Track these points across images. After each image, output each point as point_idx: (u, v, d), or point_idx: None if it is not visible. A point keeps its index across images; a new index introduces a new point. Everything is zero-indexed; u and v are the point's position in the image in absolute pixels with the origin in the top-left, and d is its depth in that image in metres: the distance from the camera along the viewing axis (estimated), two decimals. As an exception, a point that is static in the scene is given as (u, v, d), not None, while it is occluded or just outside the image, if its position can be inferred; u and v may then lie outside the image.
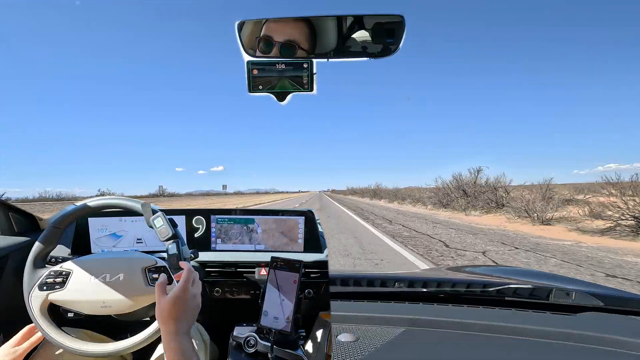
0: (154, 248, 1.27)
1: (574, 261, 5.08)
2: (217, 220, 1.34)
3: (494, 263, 4.99)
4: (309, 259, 1.19)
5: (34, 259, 0.88)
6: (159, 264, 0.89)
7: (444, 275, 1.32)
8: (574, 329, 0.78)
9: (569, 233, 8.18)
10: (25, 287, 0.86)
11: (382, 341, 0.75)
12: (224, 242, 1.34)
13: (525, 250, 5.96)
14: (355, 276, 1.14)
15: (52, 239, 0.90)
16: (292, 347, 0.88)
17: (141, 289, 0.86)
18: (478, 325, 0.81)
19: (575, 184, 22.12)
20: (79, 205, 0.93)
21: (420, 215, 14.22)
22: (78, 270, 0.87)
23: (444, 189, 18.08)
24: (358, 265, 5.03)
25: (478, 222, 10.93)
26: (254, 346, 0.89)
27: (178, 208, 1.37)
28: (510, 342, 0.75)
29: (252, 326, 0.95)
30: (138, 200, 0.93)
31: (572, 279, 1.29)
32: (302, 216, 1.32)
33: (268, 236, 1.33)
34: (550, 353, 0.71)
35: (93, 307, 0.86)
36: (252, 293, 1.21)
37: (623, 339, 0.73)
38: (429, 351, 0.73)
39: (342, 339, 0.76)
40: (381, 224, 10.64)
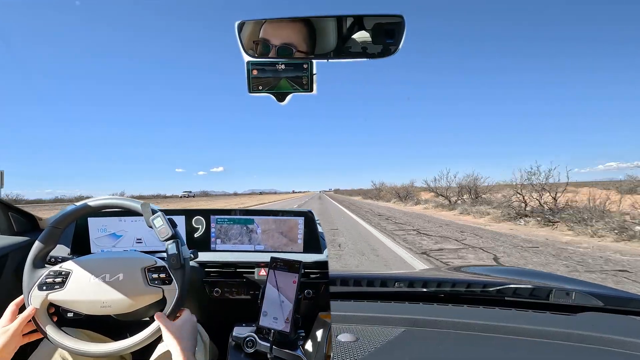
0: (154, 248, 1.27)
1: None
2: (217, 221, 1.34)
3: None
4: (309, 260, 1.19)
5: (34, 258, 0.88)
6: (159, 264, 0.89)
7: (444, 275, 1.32)
8: (574, 329, 0.78)
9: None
10: (25, 287, 0.86)
11: (382, 341, 0.75)
12: (223, 243, 1.34)
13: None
14: (355, 276, 1.14)
15: (52, 239, 0.90)
16: (292, 347, 0.88)
17: (141, 288, 0.86)
18: (478, 325, 0.81)
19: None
20: (78, 205, 0.93)
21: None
22: (78, 270, 0.87)
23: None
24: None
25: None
26: (254, 346, 0.89)
27: (178, 208, 1.37)
28: (510, 342, 0.75)
29: (252, 326, 0.95)
30: (138, 200, 0.93)
31: (572, 279, 1.29)
32: (301, 217, 1.32)
33: (268, 236, 1.33)
34: (550, 353, 0.71)
35: (93, 307, 0.86)
36: (251, 293, 1.20)
37: (623, 339, 0.73)
38: (429, 351, 0.73)
39: (342, 339, 0.76)
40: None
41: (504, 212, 11.02)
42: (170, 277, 0.87)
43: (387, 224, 10.39)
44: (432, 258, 5.34)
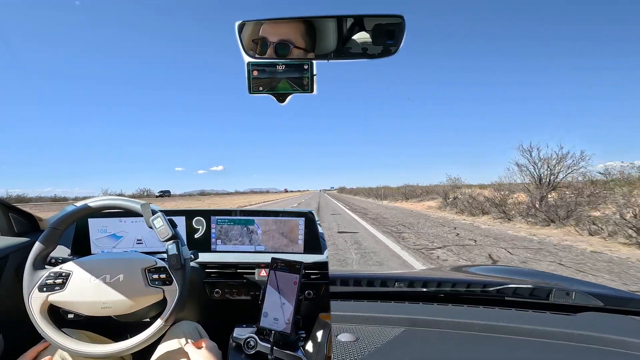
0: (154, 249, 1.27)
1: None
2: (217, 221, 1.34)
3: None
4: (309, 260, 1.19)
5: (34, 259, 0.87)
6: (159, 264, 0.89)
7: (444, 275, 1.32)
8: (574, 329, 0.78)
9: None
10: (25, 288, 0.86)
11: (382, 341, 0.75)
12: (224, 243, 1.34)
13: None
14: (355, 276, 1.14)
15: (52, 240, 0.90)
16: (292, 348, 0.88)
17: (141, 289, 0.86)
18: (478, 325, 0.81)
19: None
20: (79, 206, 0.93)
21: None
22: (78, 271, 0.87)
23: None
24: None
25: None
26: (254, 347, 0.89)
27: (178, 209, 1.37)
28: (510, 342, 0.75)
29: (252, 327, 0.95)
30: (138, 200, 0.93)
31: (572, 279, 1.29)
32: (302, 217, 1.32)
33: (268, 237, 1.33)
34: (550, 353, 0.71)
35: (93, 308, 0.86)
36: (252, 294, 1.20)
37: (623, 339, 0.73)
38: (429, 351, 0.73)
39: (342, 339, 0.76)
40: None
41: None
42: (170, 278, 0.87)
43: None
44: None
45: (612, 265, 4.68)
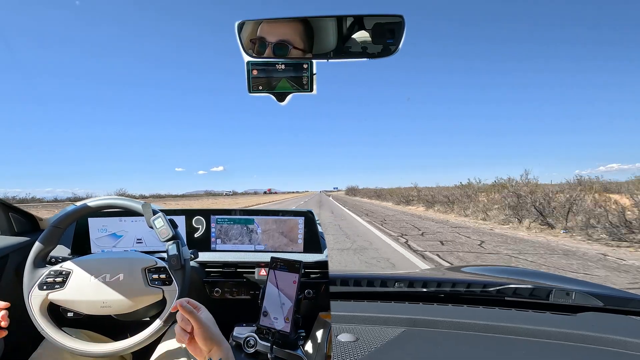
0: (154, 248, 1.27)
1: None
2: (217, 221, 1.34)
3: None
4: (309, 260, 1.19)
5: (34, 258, 0.88)
6: (159, 264, 0.89)
7: (444, 275, 1.32)
8: (574, 329, 0.78)
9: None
10: (25, 287, 0.86)
11: (381, 341, 0.75)
12: (223, 243, 1.34)
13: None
14: (355, 276, 1.14)
15: (52, 239, 0.90)
16: (292, 347, 0.88)
17: (141, 289, 0.86)
18: (478, 325, 0.81)
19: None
20: (79, 205, 0.93)
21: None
22: (78, 270, 0.87)
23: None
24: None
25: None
26: (254, 346, 0.89)
27: (178, 208, 1.37)
28: (510, 342, 0.75)
29: (252, 326, 0.95)
30: (138, 200, 0.93)
31: (572, 279, 1.29)
32: (302, 217, 1.32)
33: (268, 236, 1.33)
34: (550, 353, 0.71)
35: (93, 307, 0.86)
36: (251, 293, 1.20)
37: (623, 339, 0.73)
38: (428, 351, 0.73)
39: (342, 339, 0.76)
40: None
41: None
42: (170, 278, 0.87)
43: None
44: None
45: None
